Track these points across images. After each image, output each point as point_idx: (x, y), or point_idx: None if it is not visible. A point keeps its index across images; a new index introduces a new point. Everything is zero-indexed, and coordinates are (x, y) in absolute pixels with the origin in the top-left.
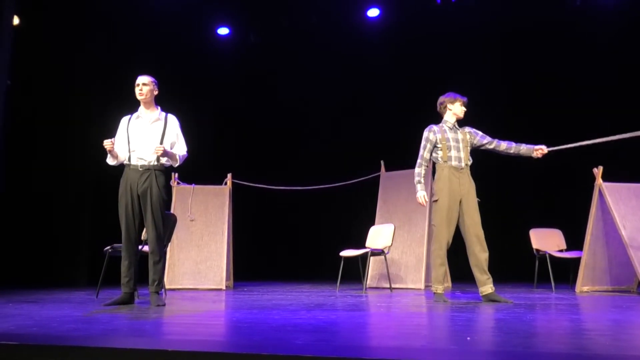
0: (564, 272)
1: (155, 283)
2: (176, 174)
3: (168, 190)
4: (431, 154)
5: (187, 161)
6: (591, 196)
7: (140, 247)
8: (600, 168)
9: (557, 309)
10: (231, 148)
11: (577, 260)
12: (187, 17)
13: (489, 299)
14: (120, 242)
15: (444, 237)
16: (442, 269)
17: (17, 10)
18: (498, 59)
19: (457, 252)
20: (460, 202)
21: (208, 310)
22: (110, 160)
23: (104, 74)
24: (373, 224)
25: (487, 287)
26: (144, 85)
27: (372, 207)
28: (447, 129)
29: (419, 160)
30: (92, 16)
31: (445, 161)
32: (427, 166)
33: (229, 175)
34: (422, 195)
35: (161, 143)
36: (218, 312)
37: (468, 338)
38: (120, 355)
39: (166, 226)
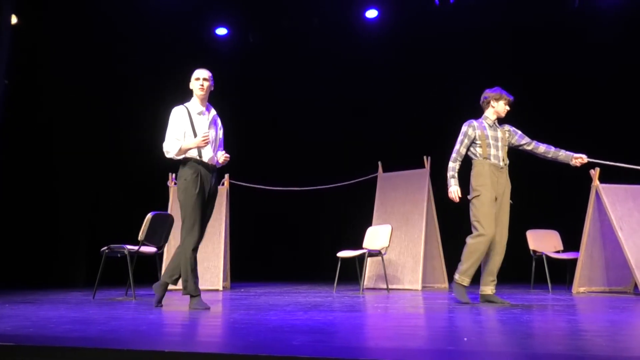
0: (561, 273)
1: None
2: (173, 175)
3: None
4: (467, 150)
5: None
6: (588, 197)
7: (137, 247)
8: (597, 169)
9: (554, 309)
10: (229, 148)
11: (573, 261)
12: (185, 16)
13: (487, 299)
14: (117, 243)
15: (491, 231)
16: (478, 264)
17: (15, 9)
18: (496, 60)
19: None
20: (495, 200)
21: (205, 310)
22: (179, 153)
23: (102, 73)
24: (370, 224)
25: (488, 287)
26: (204, 80)
27: (370, 208)
28: (486, 125)
29: (454, 155)
30: (91, 15)
31: (485, 158)
32: (461, 162)
33: (227, 176)
34: (455, 190)
35: (217, 144)
36: (215, 312)
37: (465, 339)
38: (117, 357)
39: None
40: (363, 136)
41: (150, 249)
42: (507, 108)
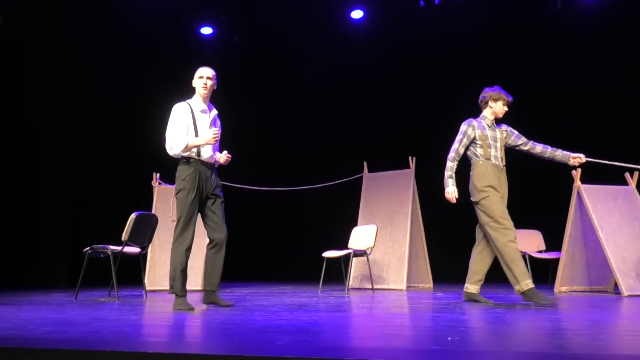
0: (543, 273)
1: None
2: (157, 175)
3: None
4: (466, 150)
5: (169, 161)
6: (570, 198)
7: (121, 247)
8: (579, 170)
9: (537, 309)
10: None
11: (555, 261)
12: (170, 15)
13: (471, 298)
14: (101, 243)
15: (513, 229)
16: (521, 260)
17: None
18: (481, 61)
19: (439, 251)
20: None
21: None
22: (184, 150)
23: (86, 72)
24: (356, 224)
25: (473, 286)
26: (208, 79)
27: (355, 208)
28: (485, 125)
29: (452, 154)
30: (75, 14)
31: (487, 158)
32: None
33: None
34: (453, 190)
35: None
36: (199, 313)
37: (449, 338)
38: (100, 358)
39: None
40: (348, 136)
41: (133, 250)
42: (505, 109)
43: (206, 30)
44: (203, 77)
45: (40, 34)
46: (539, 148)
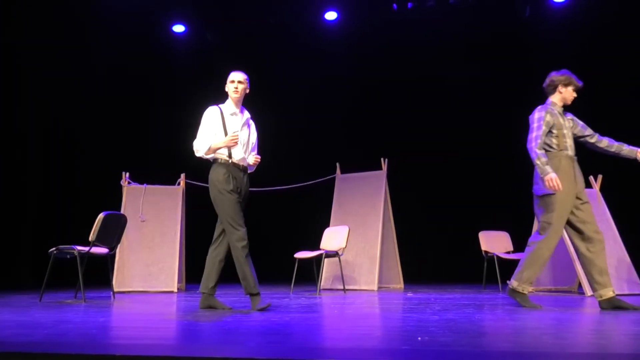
0: (511, 273)
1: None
2: (127, 174)
3: None
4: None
5: (139, 160)
6: None
7: (88, 248)
8: None
9: (504, 309)
10: (185, 148)
11: None
12: (142, 12)
13: (613, 305)
14: (66, 244)
15: (559, 236)
16: (541, 270)
17: None
18: (451, 64)
19: (410, 252)
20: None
21: (159, 313)
22: (208, 152)
23: (53, 70)
24: (328, 225)
25: (608, 290)
26: (239, 83)
27: (327, 209)
28: (557, 113)
29: (538, 142)
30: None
31: (561, 149)
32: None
33: (182, 176)
34: (555, 177)
35: (248, 146)
36: (169, 315)
37: (419, 338)
38: None
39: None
40: (321, 137)
41: (101, 250)
42: (574, 95)
43: (178, 28)
44: (234, 82)
45: (9, 32)
46: (605, 142)
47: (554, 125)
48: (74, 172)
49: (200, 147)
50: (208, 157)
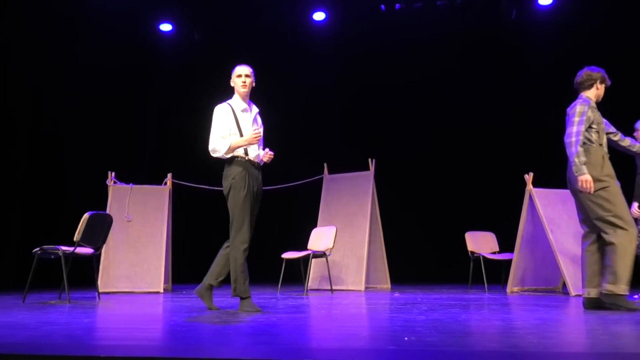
0: (497, 273)
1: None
2: (113, 173)
3: None
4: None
5: (126, 160)
6: (522, 201)
7: (73, 248)
8: (531, 174)
9: (490, 308)
10: (172, 148)
11: (508, 262)
12: (129, 10)
13: (596, 304)
14: (50, 244)
15: (633, 224)
16: (632, 266)
17: None
18: (438, 66)
19: (397, 253)
20: None
21: (144, 313)
22: (228, 152)
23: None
24: (315, 226)
25: (596, 290)
26: (246, 77)
27: (315, 209)
28: (595, 108)
29: (579, 137)
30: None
31: (600, 145)
32: None
33: (169, 176)
34: (591, 180)
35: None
36: (155, 315)
37: (406, 338)
38: None
39: None
40: (308, 138)
41: (86, 251)
42: (602, 94)
43: (165, 27)
44: (242, 76)
45: None
46: (627, 141)
47: (593, 121)
48: (59, 171)
49: (220, 147)
50: (228, 156)
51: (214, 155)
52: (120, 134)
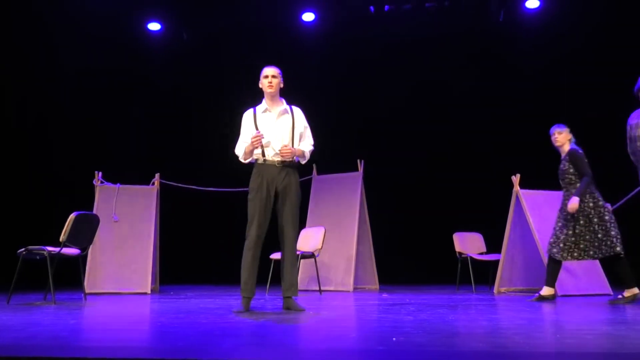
0: (484, 274)
1: (294, 287)
2: (100, 173)
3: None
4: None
5: (113, 160)
6: (509, 202)
7: (59, 249)
8: (518, 176)
9: (477, 309)
10: (160, 148)
11: (496, 263)
12: (117, 9)
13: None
14: (35, 245)
15: None
16: None
17: None
18: (427, 67)
19: (385, 253)
20: None
21: (131, 315)
22: (244, 157)
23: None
24: (304, 226)
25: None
26: (273, 78)
27: (303, 209)
28: None
29: None
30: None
31: None
32: None
33: (157, 176)
34: None
35: (292, 138)
36: (142, 316)
37: (394, 339)
38: None
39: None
40: None
41: (72, 251)
42: None
43: (154, 27)
44: (268, 77)
45: None
46: None
47: None
48: (45, 171)
49: (238, 152)
50: (247, 160)
51: (240, 160)
52: (108, 134)
